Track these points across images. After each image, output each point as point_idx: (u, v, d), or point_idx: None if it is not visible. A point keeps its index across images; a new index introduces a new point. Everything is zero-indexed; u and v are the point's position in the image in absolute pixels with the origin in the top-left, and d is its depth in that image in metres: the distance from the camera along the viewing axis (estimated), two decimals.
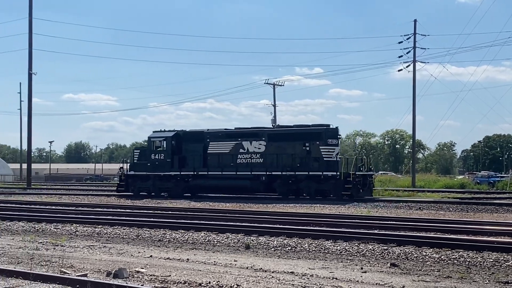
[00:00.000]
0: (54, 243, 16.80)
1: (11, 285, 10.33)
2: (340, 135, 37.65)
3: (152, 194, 40.96)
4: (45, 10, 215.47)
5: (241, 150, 38.31)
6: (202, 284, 10.53)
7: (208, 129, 40.78)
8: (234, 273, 11.77)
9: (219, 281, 10.72)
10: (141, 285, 10.34)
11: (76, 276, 10.90)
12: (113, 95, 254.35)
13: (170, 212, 26.75)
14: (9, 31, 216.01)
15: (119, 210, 28.80)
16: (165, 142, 40.58)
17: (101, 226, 20.96)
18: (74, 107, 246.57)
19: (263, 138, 37.90)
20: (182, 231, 19.07)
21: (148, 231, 19.46)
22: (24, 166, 77.81)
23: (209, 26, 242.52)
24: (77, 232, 19.87)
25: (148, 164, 40.80)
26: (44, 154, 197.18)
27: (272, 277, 11.32)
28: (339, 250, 15.30)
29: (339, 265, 13.13)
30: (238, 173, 38.11)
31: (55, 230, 20.55)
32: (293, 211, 28.01)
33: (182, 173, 39.92)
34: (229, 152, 38.64)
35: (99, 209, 29.17)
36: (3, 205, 32.59)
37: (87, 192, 46.20)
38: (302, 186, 36.67)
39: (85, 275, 11.08)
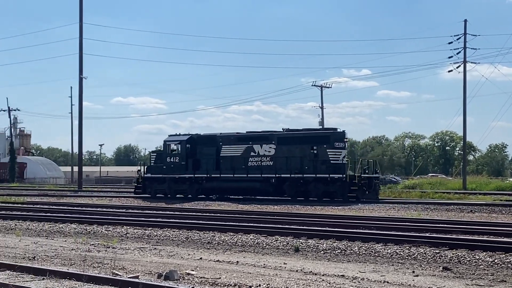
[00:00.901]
0: (105, 245, 17.03)
1: (64, 286, 10.49)
2: (346, 138, 38.26)
3: (168, 196, 41.86)
4: (95, 15, 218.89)
5: (252, 153, 39.30)
6: (252, 287, 10.55)
7: (220, 133, 42.04)
8: (284, 276, 11.76)
9: (269, 284, 10.72)
10: (192, 287, 10.40)
11: (128, 278, 11.02)
12: (161, 98, 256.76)
13: (218, 215, 26.87)
14: (60, 36, 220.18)
15: (168, 212, 29.03)
16: (180, 145, 41.63)
17: (151, 228, 21.15)
18: (123, 111, 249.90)
19: (273, 142, 38.82)
20: (231, 234, 19.13)
21: (198, 233, 19.57)
22: (75, 169, 79.08)
23: (256, 28, 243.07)
24: (127, 234, 20.09)
25: (164, 167, 41.80)
26: (95, 157, 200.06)
27: (322, 280, 11.27)
28: (390, 253, 15.16)
29: (390, 269, 13.01)
30: (249, 175, 39.09)
31: (106, 232, 20.82)
32: (342, 214, 27.86)
33: (196, 175, 40.89)
34: (241, 155, 39.59)
35: (149, 211, 29.46)
36: (55, 207, 33.17)
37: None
38: (310, 188, 37.39)
39: (137, 277, 11.19)
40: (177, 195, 41.70)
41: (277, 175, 38.15)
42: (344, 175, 36.19)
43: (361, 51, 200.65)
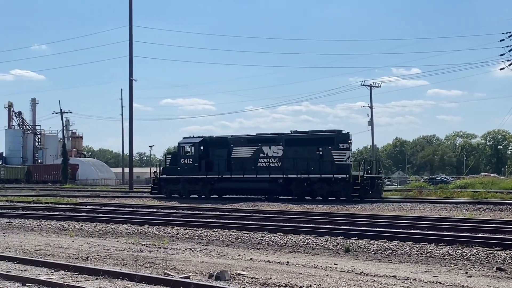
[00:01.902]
0: (157, 245, 17.20)
1: (117, 287, 10.64)
2: (351, 140, 38.94)
3: (183, 196, 43.10)
4: (145, 18, 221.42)
5: (261, 155, 40.46)
6: (303, 287, 10.53)
7: (232, 135, 43.23)
8: (335, 276, 11.71)
9: (319, 284, 10.70)
10: (243, 287, 10.44)
11: (180, 278, 11.12)
12: (210, 99, 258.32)
13: (268, 215, 26.89)
14: (111, 39, 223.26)
15: (217, 213, 29.18)
16: (193, 147, 42.94)
17: (201, 228, 21.29)
18: (173, 112, 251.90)
19: (281, 143, 39.99)
20: (281, 234, 19.13)
21: (247, 234, 19.62)
22: (126, 170, 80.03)
23: (304, 28, 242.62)
24: (178, 235, 20.26)
25: (178, 168, 43.21)
26: (145, 158, 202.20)
27: (374, 281, 11.20)
28: (442, 254, 14.97)
29: (443, 269, 12.85)
30: (258, 176, 40.22)
31: (157, 232, 21.03)
32: (392, 214, 27.61)
33: (208, 176, 42.14)
34: (251, 156, 40.77)
35: (199, 212, 29.66)
36: (107, 208, 33.65)
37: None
38: (316, 188, 38.44)
39: (188, 277, 11.29)
40: (191, 195, 43.09)
41: (284, 176, 39.36)
42: (348, 175, 37.09)
43: (411, 49, 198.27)
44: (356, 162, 39.34)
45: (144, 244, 17.50)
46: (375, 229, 19.57)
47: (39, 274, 11.97)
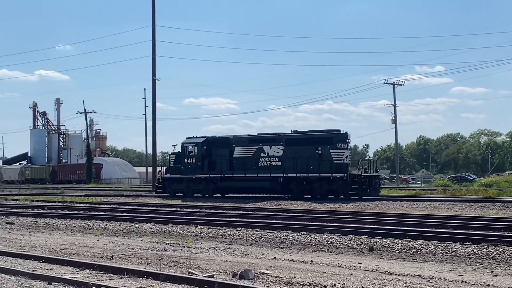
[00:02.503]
0: (180, 244, 17.26)
1: (142, 285, 10.69)
2: (349, 139, 39.64)
3: (187, 195, 43.85)
4: (167, 18, 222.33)
5: (262, 154, 41.11)
6: (327, 286, 10.50)
7: (233, 135, 44.24)
8: (359, 275, 11.68)
9: (344, 284, 10.67)
10: (267, 286, 10.44)
11: (204, 277, 11.14)
12: (232, 98, 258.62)
13: (291, 214, 26.87)
14: (134, 39, 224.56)
15: (241, 212, 29.21)
16: (196, 147, 43.76)
17: (224, 228, 21.31)
18: (195, 111, 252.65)
19: (281, 143, 40.66)
20: (305, 233, 19.10)
21: (271, 232, 19.62)
22: (150, 169, 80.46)
23: (325, 27, 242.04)
24: (202, 234, 20.31)
25: (182, 168, 44.02)
26: (168, 157, 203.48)
27: (399, 280, 11.14)
28: (467, 253, 14.86)
29: (468, 268, 12.76)
30: (259, 175, 40.85)
31: (181, 231, 21.10)
32: (416, 213, 27.46)
33: (211, 175, 42.93)
34: (252, 156, 41.42)
35: (222, 211, 29.72)
36: (131, 207, 33.83)
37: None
38: (315, 187, 39.07)
39: (212, 276, 11.31)
40: (194, 194, 43.79)
41: (284, 175, 39.99)
42: (346, 174, 37.86)
43: (434, 47, 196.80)
44: (355, 161, 40.66)
45: (168, 243, 17.56)
46: (399, 227, 19.48)
47: (64, 273, 12.06)
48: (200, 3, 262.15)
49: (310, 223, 21.67)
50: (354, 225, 20.55)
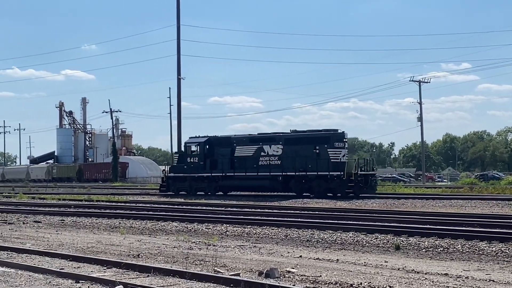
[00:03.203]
0: (206, 242, 17.30)
1: (168, 284, 10.74)
2: (346, 139, 40.49)
3: (190, 193, 44.56)
4: (192, 17, 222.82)
5: (262, 153, 41.99)
6: (353, 285, 10.47)
7: (235, 135, 45.37)
8: (386, 274, 11.62)
9: (370, 282, 10.62)
10: (293, 285, 10.43)
11: (230, 275, 11.16)
12: (257, 97, 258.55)
13: (316, 213, 26.82)
14: (159, 38, 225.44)
15: (266, 210, 29.21)
16: (198, 147, 44.86)
17: (250, 226, 21.32)
18: (220, 110, 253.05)
19: (281, 142, 41.50)
20: (330, 232, 19.06)
21: (296, 231, 19.60)
22: None
23: (350, 24, 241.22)
24: (227, 232, 20.34)
25: (185, 167, 45.12)
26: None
27: (425, 278, 11.08)
28: (495, 251, 14.73)
29: (496, 267, 12.64)
30: (259, 173, 41.71)
31: (206, 230, 21.15)
32: (443, 211, 27.27)
33: (213, 174, 43.87)
34: (252, 155, 42.30)
35: (247, 210, 29.74)
36: (157, 206, 33.98)
37: (233, 193, 47.13)
38: (313, 185, 39.80)
39: (238, 275, 11.33)
40: (197, 193, 44.60)
41: (283, 173, 40.77)
42: (342, 173, 38.41)
43: (460, 44, 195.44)
44: (352, 160, 41.88)
45: (194, 242, 17.62)
46: (425, 226, 19.36)
47: (91, 271, 12.15)
48: (225, 2, 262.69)
49: (336, 221, 21.62)
50: (380, 224, 20.46)
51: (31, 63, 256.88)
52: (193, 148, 45.11)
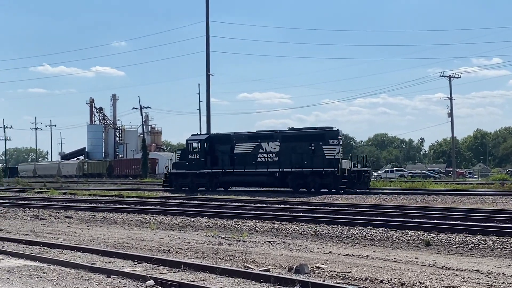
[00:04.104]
0: (236, 238, 17.36)
1: (199, 279, 10.80)
2: (340, 136, 41.86)
3: (192, 189, 45.58)
4: (221, 13, 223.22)
5: (260, 150, 43.25)
6: (384, 281, 10.44)
7: (234, 133, 46.71)
8: (416, 270, 11.57)
9: (400, 278, 10.58)
10: (323, 281, 10.42)
11: (259, 271, 11.19)
12: (286, 93, 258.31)
13: (345, 209, 26.74)
14: (188, 34, 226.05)
15: (295, 206, 29.19)
16: (200, 144, 46.12)
17: (279, 222, 21.34)
18: (249, 106, 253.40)
19: (278, 140, 42.74)
20: (360, 228, 19.00)
21: (326, 227, 19.57)
22: None
23: (381, 19, 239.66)
24: (257, 228, 20.38)
25: (187, 163, 46.40)
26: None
27: (456, 275, 11.00)
28: None
29: None
30: (257, 170, 43.00)
31: (236, 226, 21.21)
32: (474, 207, 27.02)
33: (213, 170, 45.15)
34: (251, 152, 43.64)
35: (277, 206, 29.75)
36: (186, 201, 34.13)
37: (262, 189, 47.29)
38: (309, 181, 41.10)
39: (268, 270, 11.35)
40: (199, 188, 45.59)
41: (280, 170, 42.04)
42: (336, 169, 39.46)
43: (491, 39, 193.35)
44: (347, 156, 43.38)
45: (224, 237, 17.68)
46: (456, 222, 19.21)
47: (122, 266, 12.26)
48: None
49: (365, 217, 21.55)
50: (410, 220, 20.36)
51: (62, 60, 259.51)
52: (195, 145, 46.45)
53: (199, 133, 47.67)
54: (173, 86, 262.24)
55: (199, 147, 46.00)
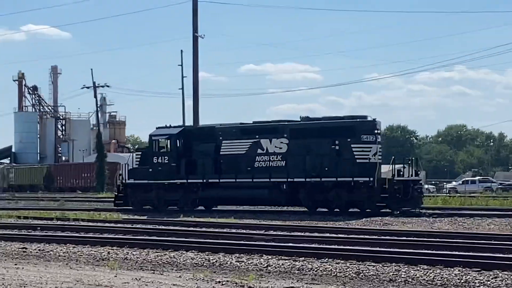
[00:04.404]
0: (238, 283, 17.30)
1: None
2: (378, 129, 42.10)
3: (158, 208, 45.91)
4: None
5: (260, 151, 43.31)
6: None
7: (220, 124, 46.51)
8: None
9: None
10: None
11: None
12: (313, 64, 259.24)
13: (402, 238, 26.69)
14: None
15: (326, 235, 29.16)
16: (169, 141, 45.93)
17: (302, 258, 21.29)
18: (257, 84, 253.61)
19: (285, 135, 42.63)
20: (424, 267, 18.93)
21: (374, 266, 19.51)
22: None
23: None
24: (269, 268, 20.33)
25: (150, 170, 46.03)
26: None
27: None
28: None
29: None
30: (254, 180, 42.88)
31: (237, 263, 21.17)
32: None
33: (190, 181, 45.08)
34: (246, 153, 43.77)
35: (298, 233, 29.70)
36: (163, 227, 34.09)
37: (267, 208, 47.45)
38: (331, 196, 41.07)
39: None
40: (168, 207, 46.06)
41: (289, 180, 41.95)
42: (372, 179, 39.41)
43: None
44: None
45: (219, 282, 17.63)
46: None
47: None
48: None
49: (433, 251, 21.49)
50: (501, 256, 20.27)
51: None
52: (162, 143, 46.32)
53: (182, 124, 47.04)
54: (144, 54, 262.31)
55: (169, 146, 45.95)
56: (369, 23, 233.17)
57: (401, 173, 41.49)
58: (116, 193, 49.42)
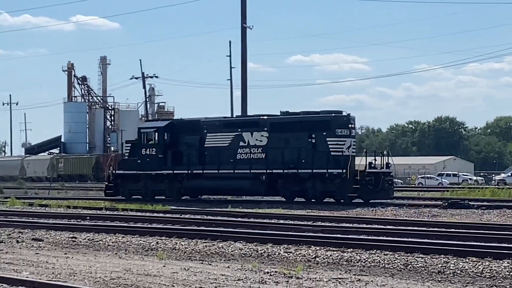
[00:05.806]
0: (286, 273, 17.29)
1: None
2: (352, 124, 44.24)
3: (146, 198, 48.20)
4: None
5: (241, 143, 45.73)
6: None
7: (205, 118, 49.10)
8: None
9: None
10: None
11: None
12: (361, 54, 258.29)
13: (452, 230, 26.53)
14: None
15: (375, 226, 29.07)
16: (157, 134, 48.67)
17: (351, 249, 21.26)
18: (305, 75, 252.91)
19: (265, 129, 45.03)
20: (474, 259, 18.83)
21: (422, 258, 19.44)
22: None
23: None
24: (317, 258, 20.32)
25: (139, 161, 48.79)
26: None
27: None
28: None
29: None
30: (236, 171, 45.47)
31: (285, 254, 21.18)
32: None
33: (175, 172, 47.65)
34: (228, 145, 46.29)
35: (347, 224, 29.65)
36: (211, 217, 34.14)
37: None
38: (307, 187, 43.48)
39: None
40: (156, 197, 48.40)
41: (268, 171, 44.29)
42: (344, 170, 41.47)
43: None
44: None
45: (268, 272, 17.65)
46: None
47: None
48: None
49: (483, 243, 21.36)
50: None
51: (26, 5, 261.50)
52: (150, 135, 48.88)
53: (230, 115, 48.43)
54: (191, 45, 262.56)
55: (156, 138, 48.34)
56: (418, 13, 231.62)
57: (372, 165, 43.13)
58: (107, 183, 51.52)
